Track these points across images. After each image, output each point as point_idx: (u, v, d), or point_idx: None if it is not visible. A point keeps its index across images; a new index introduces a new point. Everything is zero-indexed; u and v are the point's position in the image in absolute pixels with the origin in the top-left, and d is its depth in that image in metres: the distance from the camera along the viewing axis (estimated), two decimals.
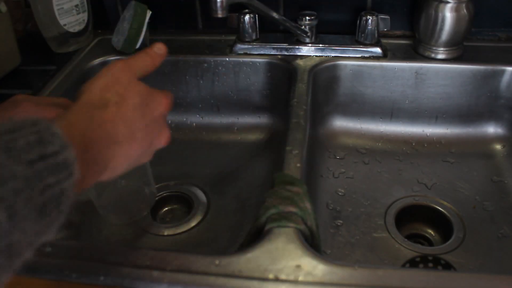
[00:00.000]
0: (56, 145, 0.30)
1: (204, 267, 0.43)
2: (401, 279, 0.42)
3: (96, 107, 0.37)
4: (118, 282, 0.43)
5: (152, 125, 0.40)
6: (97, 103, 0.37)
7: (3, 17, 0.76)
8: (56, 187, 0.29)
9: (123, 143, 0.37)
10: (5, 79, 0.78)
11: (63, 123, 0.34)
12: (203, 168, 0.78)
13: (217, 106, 0.85)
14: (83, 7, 0.83)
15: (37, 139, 0.29)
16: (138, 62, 0.42)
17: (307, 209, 0.49)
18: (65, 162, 0.30)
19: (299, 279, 0.42)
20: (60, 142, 0.30)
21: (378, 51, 0.78)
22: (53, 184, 0.29)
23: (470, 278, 0.42)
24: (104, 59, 0.82)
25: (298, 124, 0.63)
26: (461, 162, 0.76)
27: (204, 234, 0.68)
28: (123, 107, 0.38)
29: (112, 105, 0.37)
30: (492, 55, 0.77)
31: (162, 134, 0.42)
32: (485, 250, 0.62)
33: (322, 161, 0.77)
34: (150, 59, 0.44)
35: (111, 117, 0.37)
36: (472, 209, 0.68)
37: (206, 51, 0.82)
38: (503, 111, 0.77)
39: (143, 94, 0.40)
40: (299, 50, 0.80)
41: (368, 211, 0.68)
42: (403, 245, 0.63)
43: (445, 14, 0.72)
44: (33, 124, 0.30)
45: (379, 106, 0.80)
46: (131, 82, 0.40)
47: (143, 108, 0.39)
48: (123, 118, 0.37)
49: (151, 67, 0.44)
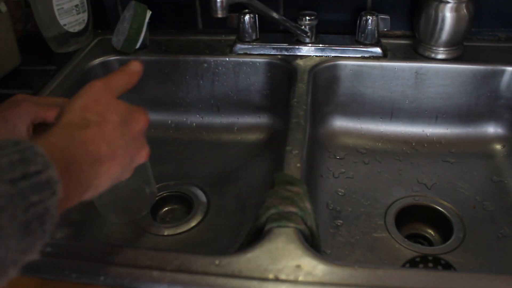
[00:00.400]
0: (39, 164, 0.30)
1: (204, 267, 0.43)
2: (401, 279, 0.42)
3: (77, 127, 0.37)
4: (118, 282, 0.43)
5: (132, 143, 0.41)
6: (78, 123, 0.37)
7: (3, 17, 0.76)
8: (39, 206, 0.29)
9: (105, 162, 0.37)
10: (5, 79, 0.78)
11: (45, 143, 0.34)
12: (203, 168, 0.78)
13: (217, 106, 0.85)
14: (83, 7, 0.83)
15: (19, 158, 0.29)
16: (116, 80, 0.43)
17: (307, 209, 0.49)
18: (48, 181, 0.30)
19: (299, 279, 0.42)
20: (43, 162, 0.30)
21: (378, 51, 0.78)
22: (37, 202, 0.29)
23: (470, 278, 0.42)
24: (104, 59, 0.82)
25: (298, 124, 0.63)
26: (461, 162, 0.76)
27: (204, 234, 0.68)
28: (103, 127, 0.38)
29: (93, 125, 0.38)
30: (492, 55, 0.77)
31: (142, 151, 0.43)
32: (485, 250, 0.62)
33: (322, 161, 0.77)
34: (127, 77, 0.45)
35: (92, 137, 0.37)
36: (472, 209, 0.68)
37: (206, 51, 0.82)
38: (503, 111, 0.77)
39: (123, 113, 0.41)
40: (299, 50, 0.80)
41: (368, 211, 0.68)
42: (403, 245, 0.63)
43: (445, 14, 0.72)
44: (16, 143, 0.30)
45: (379, 106, 0.80)
46: (110, 102, 0.40)
47: (123, 127, 0.40)
48: (104, 138, 0.38)
49: (129, 85, 0.45)
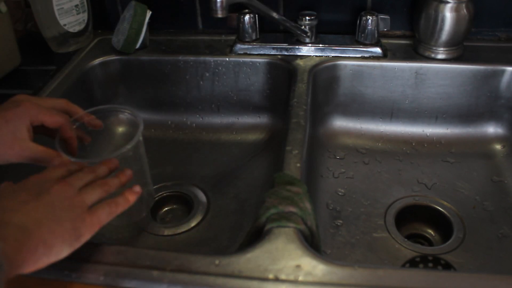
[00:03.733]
0: None
1: (204, 267, 0.43)
2: (401, 279, 0.42)
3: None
4: (118, 282, 0.43)
5: (59, 210, 0.41)
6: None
7: (3, 17, 0.76)
8: None
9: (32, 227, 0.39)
10: (5, 79, 0.78)
11: None
12: (203, 168, 0.78)
13: (217, 106, 0.85)
14: (83, 7, 0.83)
15: None
16: None
17: (307, 209, 0.49)
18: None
19: (299, 279, 0.42)
20: None
21: (378, 51, 0.78)
22: None
23: (470, 278, 0.42)
24: (104, 59, 0.82)
25: (298, 124, 0.63)
26: (461, 162, 0.76)
27: (204, 234, 0.68)
28: (15, 198, 0.40)
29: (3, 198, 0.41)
30: (492, 55, 0.77)
31: (81, 220, 0.42)
32: (485, 250, 0.62)
33: (322, 161, 0.77)
34: None
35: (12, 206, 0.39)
36: (472, 209, 0.68)
37: (206, 51, 0.82)
38: (503, 111, 0.77)
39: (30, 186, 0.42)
40: (299, 50, 0.80)
41: (368, 211, 0.68)
42: (403, 245, 0.63)
43: (445, 14, 0.72)
44: None
45: (379, 106, 0.80)
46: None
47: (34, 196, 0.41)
48: (19, 207, 0.40)
49: None
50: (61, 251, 0.40)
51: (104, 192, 0.45)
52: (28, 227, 0.38)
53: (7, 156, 0.49)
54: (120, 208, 0.45)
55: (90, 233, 0.42)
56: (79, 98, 0.77)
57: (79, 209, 0.42)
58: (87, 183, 0.45)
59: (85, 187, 0.44)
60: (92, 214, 0.42)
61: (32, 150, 0.48)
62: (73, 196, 0.42)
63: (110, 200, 0.45)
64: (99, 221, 0.43)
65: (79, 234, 0.41)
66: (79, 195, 0.43)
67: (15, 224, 0.38)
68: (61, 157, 0.49)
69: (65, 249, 0.40)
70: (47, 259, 0.39)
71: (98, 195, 0.44)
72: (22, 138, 0.48)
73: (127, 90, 0.86)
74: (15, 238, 0.37)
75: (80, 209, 0.42)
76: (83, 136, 0.55)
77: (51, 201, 0.41)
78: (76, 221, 0.41)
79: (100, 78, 0.83)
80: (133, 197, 0.46)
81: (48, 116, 0.50)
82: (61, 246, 0.40)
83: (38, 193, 0.41)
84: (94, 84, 0.82)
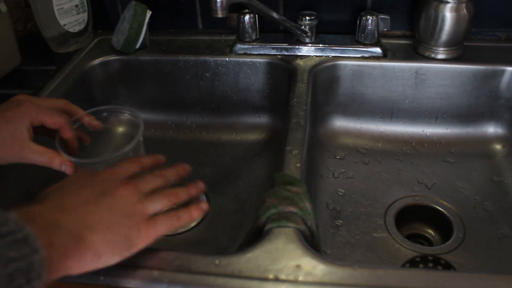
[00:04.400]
0: (10, 225, 0.33)
1: (204, 267, 0.43)
2: (401, 279, 0.42)
3: (56, 198, 0.40)
4: (118, 282, 0.43)
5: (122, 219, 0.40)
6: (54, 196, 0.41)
7: (3, 17, 0.76)
8: (21, 261, 0.32)
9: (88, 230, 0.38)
10: (5, 79, 0.78)
11: (23, 210, 0.36)
12: (203, 168, 0.78)
13: (217, 106, 0.85)
14: (83, 7, 0.83)
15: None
16: None
17: (307, 209, 0.49)
18: (26, 239, 0.33)
19: (299, 279, 0.42)
20: (14, 224, 0.33)
21: (378, 51, 0.78)
22: (17, 258, 0.32)
23: (470, 278, 0.42)
24: (104, 59, 0.82)
25: (298, 124, 0.63)
26: (461, 162, 0.76)
27: (204, 234, 0.68)
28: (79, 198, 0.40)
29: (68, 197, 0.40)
30: (492, 55, 0.77)
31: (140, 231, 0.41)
32: (485, 250, 0.62)
33: (322, 161, 0.77)
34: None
35: (71, 204, 0.39)
36: (472, 209, 0.68)
37: (206, 51, 0.82)
38: (503, 111, 0.77)
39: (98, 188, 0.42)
40: (299, 50, 0.80)
41: (368, 211, 0.68)
42: (403, 245, 0.63)
43: (445, 14, 0.72)
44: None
45: (379, 106, 0.80)
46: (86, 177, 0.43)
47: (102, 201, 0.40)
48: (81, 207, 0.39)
49: None
50: (110, 260, 0.39)
51: (171, 203, 0.44)
52: (81, 233, 0.37)
53: (7, 156, 0.49)
54: (182, 222, 0.43)
55: (144, 244, 0.41)
56: (79, 98, 0.77)
57: (138, 217, 0.41)
58: (156, 188, 0.44)
59: (152, 195, 0.43)
60: (150, 225, 0.41)
61: (32, 150, 0.49)
62: (136, 202, 0.41)
63: (173, 213, 0.43)
64: (156, 233, 0.42)
65: (132, 244, 0.40)
66: (142, 202, 0.42)
67: (68, 228, 0.37)
68: (61, 157, 0.49)
69: (115, 258, 0.39)
70: (95, 265, 0.38)
71: (163, 205, 0.43)
72: (22, 138, 0.48)
73: (127, 90, 0.86)
74: (64, 245, 0.36)
75: (139, 217, 0.41)
76: (83, 137, 0.55)
77: (112, 204, 0.40)
78: (132, 230, 0.40)
79: (100, 78, 0.83)
80: (198, 214, 0.45)
81: (48, 117, 0.50)
82: (111, 254, 0.39)
83: (102, 192, 0.40)
84: (94, 84, 0.82)
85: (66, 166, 0.49)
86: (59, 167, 0.49)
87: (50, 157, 0.49)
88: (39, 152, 0.49)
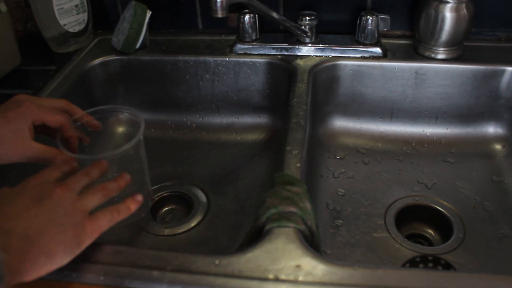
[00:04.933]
0: None
1: (204, 267, 0.43)
2: (401, 279, 0.42)
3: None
4: (118, 282, 0.43)
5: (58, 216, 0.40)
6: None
7: (3, 17, 0.76)
8: None
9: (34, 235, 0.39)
10: (5, 79, 0.78)
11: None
12: (203, 168, 0.78)
13: (217, 106, 0.85)
14: (83, 7, 0.83)
15: None
16: None
17: (307, 209, 0.49)
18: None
19: (299, 279, 0.42)
20: None
21: (378, 51, 0.78)
22: None
23: (470, 278, 0.42)
24: (104, 59, 0.82)
25: (298, 124, 0.63)
26: (461, 162, 0.76)
27: (204, 234, 0.68)
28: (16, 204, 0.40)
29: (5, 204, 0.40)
30: (492, 55, 0.77)
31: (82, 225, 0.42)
32: (485, 250, 0.62)
33: (322, 161, 0.77)
34: None
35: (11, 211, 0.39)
36: (472, 209, 0.68)
37: (206, 51, 0.82)
38: (503, 111, 0.77)
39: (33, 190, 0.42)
40: (299, 50, 0.80)
41: (368, 211, 0.68)
42: (403, 245, 0.63)
43: (445, 14, 0.72)
44: None
45: (379, 106, 0.80)
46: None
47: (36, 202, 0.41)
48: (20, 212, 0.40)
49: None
50: (63, 259, 0.40)
51: (104, 196, 0.45)
52: (31, 236, 0.38)
53: (9, 156, 0.49)
54: (121, 216, 0.45)
55: (90, 240, 0.42)
56: (79, 98, 0.77)
57: (80, 215, 0.42)
58: (84, 186, 0.44)
59: (85, 192, 0.44)
60: (93, 220, 0.42)
61: (34, 149, 0.49)
62: (74, 201, 0.42)
63: (112, 207, 0.45)
64: (100, 228, 0.43)
65: (80, 241, 0.41)
66: (79, 199, 0.43)
67: (18, 233, 0.37)
68: (63, 155, 0.49)
69: (67, 257, 0.40)
70: (49, 267, 0.39)
71: (99, 200, 0.44)
72: (24, 138, 0.48)
73: (127, 90, 0.86)
74: (18, 247, 0.37)
75: (81, 214, 0.42)
76: (83, 137, 0.55)
77: (52, 206, 0.41)
78: (77, 228, 0.41)
79: (100, 78, 0.83)
80: (134, 206, 0.47)
81: (49, 116, 0.50)
82: (63, 254, 0.40)
83: (39, 197, 0.41)
84: (94, 84, 0.82)
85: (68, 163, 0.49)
86: None
87: (52, 155, 0.49)
88: (41, 150, 0.49)
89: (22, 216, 0.39)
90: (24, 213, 0.39)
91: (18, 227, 0.38)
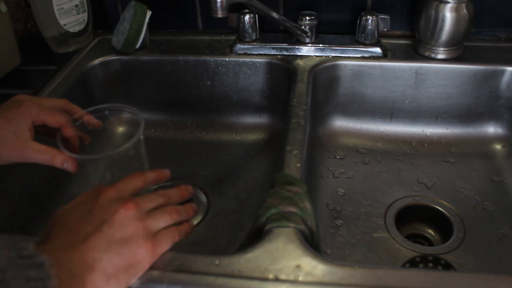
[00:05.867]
0: (30, 250, 0.36)
1: (204, 267, 0.43)
2: (401, 279, 0.42)
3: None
4: None
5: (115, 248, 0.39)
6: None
7: (3, 17, 0.76)
8: (38, 283, 0.34)
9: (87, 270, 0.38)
10: (5, 79, 0.78)
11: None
12: (203, 168, 0.78)
13: (217, 106, 0.85)
14: (83, 7, 0.83)
15: (12, 245, 0.36)
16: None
17: (307, 209, 0.49)
18: (42, 265, 0.35)
19: (299, 279, 0.42)
20: (33, 250, 0.36)
21: (378, 51, 0.78)
22: (35, 279, 0.34)
23: (470, 278, 0.42)
24: (104, 59, 0.82)
25: (298, 124, 0.63)
26: (461, 162, 0.76)
27: (204, 234, 0.68)
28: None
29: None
30: (492, 55, 0.77)
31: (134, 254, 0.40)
32: (485, 250, 0.62)
33: (322, 161, 0.77)
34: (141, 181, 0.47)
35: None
36: (472, 209, 0.68)
37: (206, 51, 0.82)
38: (503, 111, 0.77)
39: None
40: (299, 50, 0.80)
41: (368, 211, 0.68)
42: (403, 245, 0.63)
43: (445, 14, 0.72)
44: (10, 239, 0.37)
45: (379, 106, 0.80)
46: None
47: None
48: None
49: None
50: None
51: (172, 220, 0.44)
52: (83, 274, 0.37)
53: (9, 156, 0.49)
54: (179, 238, 0.44)
55: (149, 264, 0.41)
56: (79, 98, 0.77)
57: (141, 237, 0.40)
58: (157, 207, 0.43)
59: (154, 211, 0.43)
60: (155, 243, 0.41)
61: (34, 149, 0.49)
62: (137, 220, 0.41)
63: (174, 228, 0.43)
64: (161, 250, 0.42)
65: (138, 268, 0.40)
66: (144, 220, 0.41)
67: (70, 269, 0.37)
68: (63, 155, 0.49)
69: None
70: None
71: (166, 222, 0.43)
72: (24, 138, 0.48)
73: (127, 90, 0.86)
74: (69, 284, 0.36)
75: (142, 236, 0.40)
76: (83, 136, 0.55)
77: (111, 235, 0.39)
78: (135, 254, 0.40)
79: (100, 78, 0.83)
80: (191, 229, 0.46)
81: (49, 116, 0.50)
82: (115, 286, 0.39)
83: (100, 223, 0.39)
84: (94, 84, 0.82)
85: (68, 163, 0.49)
86: (61, 165, 0.49)
87: (52, 155, 0.49)
88: (41, 150, 0.49)
89: (77, 248, 0.38)
90: (80, 245, 0.38)
91: (71, 262, 0.37)
